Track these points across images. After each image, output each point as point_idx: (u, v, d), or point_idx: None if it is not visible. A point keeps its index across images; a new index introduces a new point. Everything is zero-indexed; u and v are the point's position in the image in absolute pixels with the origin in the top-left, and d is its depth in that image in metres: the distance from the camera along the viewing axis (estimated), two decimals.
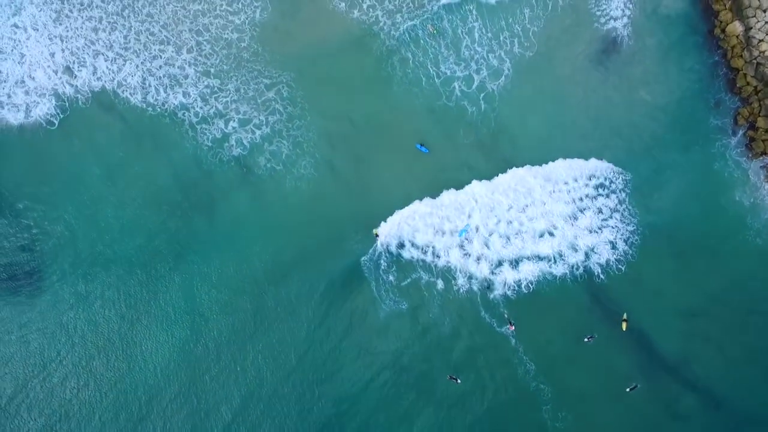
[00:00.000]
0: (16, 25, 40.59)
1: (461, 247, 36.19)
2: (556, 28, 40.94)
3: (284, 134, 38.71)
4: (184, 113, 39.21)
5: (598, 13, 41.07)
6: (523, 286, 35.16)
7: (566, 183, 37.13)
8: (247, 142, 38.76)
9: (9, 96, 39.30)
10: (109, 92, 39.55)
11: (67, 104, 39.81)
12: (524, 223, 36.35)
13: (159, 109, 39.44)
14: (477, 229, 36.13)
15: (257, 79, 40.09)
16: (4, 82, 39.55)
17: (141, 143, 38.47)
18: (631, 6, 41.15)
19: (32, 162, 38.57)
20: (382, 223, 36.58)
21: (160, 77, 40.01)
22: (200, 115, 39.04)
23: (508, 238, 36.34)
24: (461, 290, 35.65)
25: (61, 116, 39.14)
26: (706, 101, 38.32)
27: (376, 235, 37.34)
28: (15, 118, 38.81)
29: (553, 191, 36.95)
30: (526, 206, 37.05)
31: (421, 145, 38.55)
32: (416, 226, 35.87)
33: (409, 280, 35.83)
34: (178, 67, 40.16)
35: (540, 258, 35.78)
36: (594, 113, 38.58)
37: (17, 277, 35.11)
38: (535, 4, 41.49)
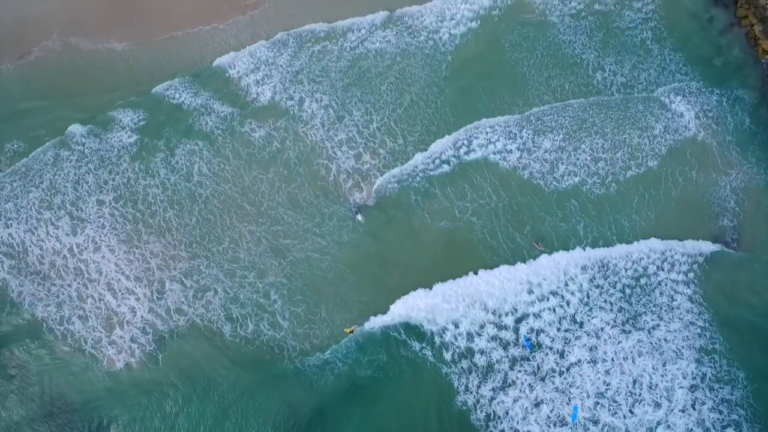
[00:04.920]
0: (80, 245, 71.08)
1: (566, 430, 62.51)
2: (665, 221, 72.70)
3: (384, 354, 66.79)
4: (280, 344, 66.96)
5: (710, 207, 72.54)
6: None
7: (679, 368, 65.50)
8: (351, 361, 66.41)
9: (108, 335, 67.81)
10: (200, 325, 67.56)
11: (165, 337, 66.97)
12: (636, 409, 63.69)
13: (256, 344, 66.95)
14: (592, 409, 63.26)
15: (347, 304, 68.79)
16: (96, 312, 68.36)
17: (243, 380, 65.77)
18: (742, 208, 72.56)
19: (139, 403, 65.29)
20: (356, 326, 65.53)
21: (244, 304, 68.50)
22: (297, 348, 66.85)
23: (611, 430, 62.74)
24: None
25: (161, 354, 66.56)
26: None
27: (351, 332, 66.27)
28: (118, 357, 66.29)
29: (666, 376, 65.23)
30: (638, 386, 65.04)
31: (528, 339, 66.69)
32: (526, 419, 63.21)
33: None
34: (262, 294, 68.97)
35: None
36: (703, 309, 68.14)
37: None
38: (644, 193, 73.33)
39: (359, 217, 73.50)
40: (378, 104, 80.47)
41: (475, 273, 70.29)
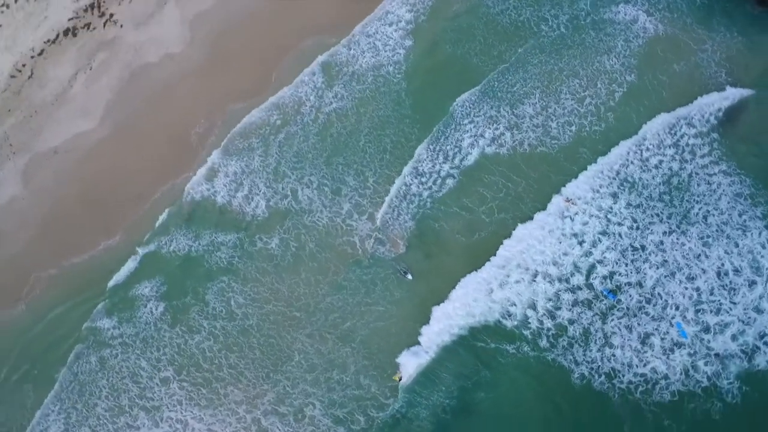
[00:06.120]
0: None
1: (684, 350, 75.38)
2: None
3: None
4: (395, 417, 78.20)
5: (704, 90, 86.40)
6: None
7: (752, 240, 78.20)
8: (457, 392, 78.08)
9: None
10: None
11: None
12: (735, 298, 76.17)
13: (376, 425, 77.68)
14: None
15: None
16: None
17: None
18: (734, 77, 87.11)
19: None
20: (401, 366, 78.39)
21: (343, 403, 78.78)
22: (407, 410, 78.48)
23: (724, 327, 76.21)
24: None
25: None
26: None
27: (399, 379, 78.69)
28: None
29: (744, 254, 77.61)
30: (724, 276, 78.27)
31: (608, 290, 78.69)
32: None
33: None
34: (354, 386, 79.35)
35: None
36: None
37: None
38: (638, 107, 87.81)
39: (409, 276, 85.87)
40: (365, 160, 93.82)
41: None
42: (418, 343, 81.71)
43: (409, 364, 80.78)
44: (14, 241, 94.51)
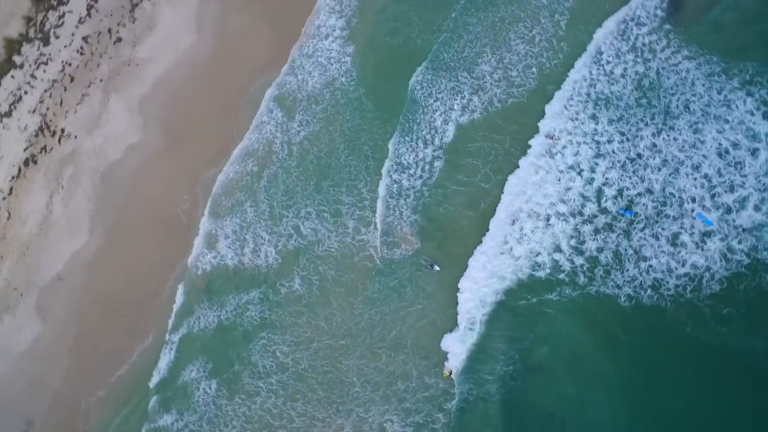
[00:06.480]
0: None
1: (715, 237, 77.28)
2: None
3: None
4: (471, 403, 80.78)
5: None
6: None
7: (740, 111, 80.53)
8: (519, 356, 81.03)
9: None
10: None
11: None
12: (743, 170, 78.15)
13: (452, 415, 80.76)
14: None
15: None
16: None
17: None
18: None
19: None
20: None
21: (418, 409, 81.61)
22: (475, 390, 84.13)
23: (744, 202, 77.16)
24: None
25: None
26: None
27: (450, 373, 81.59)
28: None
29: (736, 128, 79.63)
30: (726, 155, 79.57)
31: (623, 208, 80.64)
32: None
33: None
34: (422, 387, 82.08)
35: None
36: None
37: None
38: (588, 26, 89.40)
39: (436, 267, 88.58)
40: (351, 175, 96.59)
41: None
42: (457, 326, 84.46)
43: (456, 348, 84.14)
44: (53, 377, 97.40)
